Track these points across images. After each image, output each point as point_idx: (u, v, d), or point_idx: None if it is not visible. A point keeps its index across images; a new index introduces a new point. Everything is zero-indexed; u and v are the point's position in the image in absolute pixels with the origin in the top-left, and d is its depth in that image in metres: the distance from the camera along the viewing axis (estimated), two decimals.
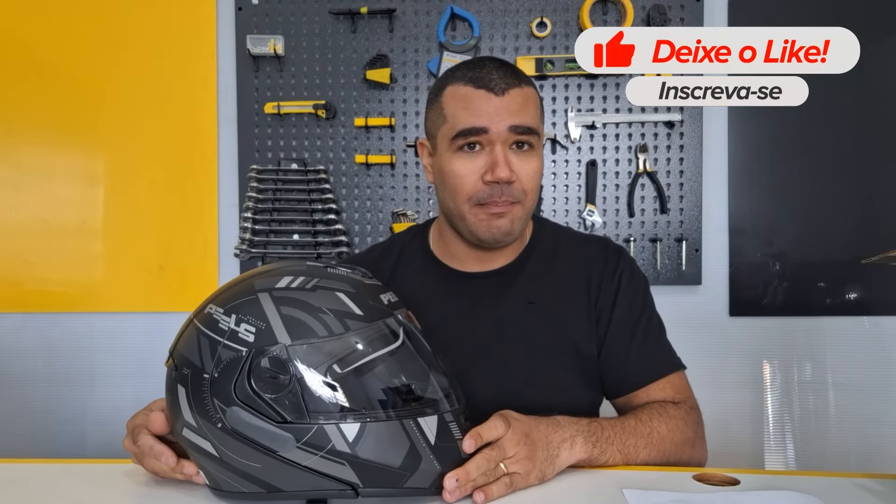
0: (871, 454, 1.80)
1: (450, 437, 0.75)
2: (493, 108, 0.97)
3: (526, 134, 0.98)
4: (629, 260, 1.12)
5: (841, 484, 0.84)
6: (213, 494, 0.78)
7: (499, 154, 0.97)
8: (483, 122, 0.96)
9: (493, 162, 0.97)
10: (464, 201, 1.00)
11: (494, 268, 1.09)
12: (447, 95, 1.01)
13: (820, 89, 1.87)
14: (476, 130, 0.97)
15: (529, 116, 0.99)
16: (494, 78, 0.98)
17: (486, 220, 0.99)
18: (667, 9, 1.77)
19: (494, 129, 0.96)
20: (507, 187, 0.97)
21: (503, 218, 0.99)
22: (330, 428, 0.70)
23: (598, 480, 0.84)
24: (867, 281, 1.79)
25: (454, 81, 1.01)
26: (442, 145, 1.02)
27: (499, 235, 1.00)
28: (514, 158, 0.98)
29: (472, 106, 0.98)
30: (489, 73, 0.98)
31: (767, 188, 1.82)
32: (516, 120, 0.97)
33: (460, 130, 0.98)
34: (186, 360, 0.74)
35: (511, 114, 0.97)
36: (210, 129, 1.88)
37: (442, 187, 1.04)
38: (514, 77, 0.99)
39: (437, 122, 1.03)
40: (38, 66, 1.90)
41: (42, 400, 1.92)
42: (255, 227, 1.84)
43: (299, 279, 0.75)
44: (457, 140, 0.98)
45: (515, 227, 1.01)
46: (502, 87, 0.97)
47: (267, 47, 1.81)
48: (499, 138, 0.97)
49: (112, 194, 1.91)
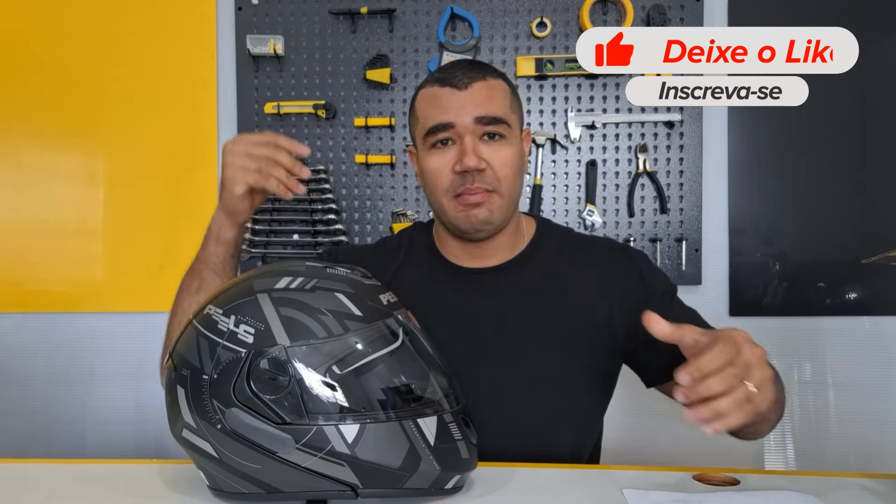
0: (871, 454, 1.80)
1: (449, 437, 0.75)
2: (457, 102, 1.00)
3: (493, 124, 1.00)
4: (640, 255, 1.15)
5: (841, 484, 0.84)
6: (213, 495, 0.78)
7: (467, 144, 0.99)
8: (449, 117, 0.99)
9: (461, 152, 0.99)
10: (441, 194, 1.02)
11: (493, 264, 1.09)
12: (419, 99, 1.06)
13: (820, 89, 1.87)
14: (443, 126, 1.00)
15: (496, 106, 1.01)
16: (458, 74, 1.01)
17: (463, 210, 1.01)
18: (667, 9, 1.77)
19: (460, 122, 0.99)
20: (479, 175, 0.99)
21: (480, 207, 1.00)
22: (329, 429, 0.70)
23: (598, 480, 0.85)
24: (867, 281, 1.79)
25: (426, 85, 1.06)
26: (420, 146, 1.06)
27: (478, 224, 1.01)
28: (484, 148, 1.00)
29: (438, 103, 1.01)
30: (454, 71, 1.02)
31: (767, 188, 1.82)
32: (481, 111, 0.99)
33: (429, 128, 1.01)
34: (186, 361, 0.74)
35: (476, 105, 0.99)
36: (210, 129, 1.88)
37: (425, 186, 1.07)
38: (478, 71, 1.03)
39: (414, 125, 1.08)
40: (38, 66, 1.90)
41: (42, 400, 1.92)
42: (255, 227, 1.84)
43: (298, 280, 0.75)
44: (428, 138, 1.02)
45: (495, 215, 1.02)
46: (465, 81, 1.00)
47: (267, 47, 1.81)
48: (466, 130, 0.99)
49: (112, 194, 1.91)
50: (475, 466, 0.79)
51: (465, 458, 0.76)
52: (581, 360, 1.05)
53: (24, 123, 1.91)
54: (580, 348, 1.05)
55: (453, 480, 0.76)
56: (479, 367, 1.02)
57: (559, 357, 1.04)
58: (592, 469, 0.90)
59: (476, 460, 0.79)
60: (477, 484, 0.81)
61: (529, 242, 1.12)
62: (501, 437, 0.97)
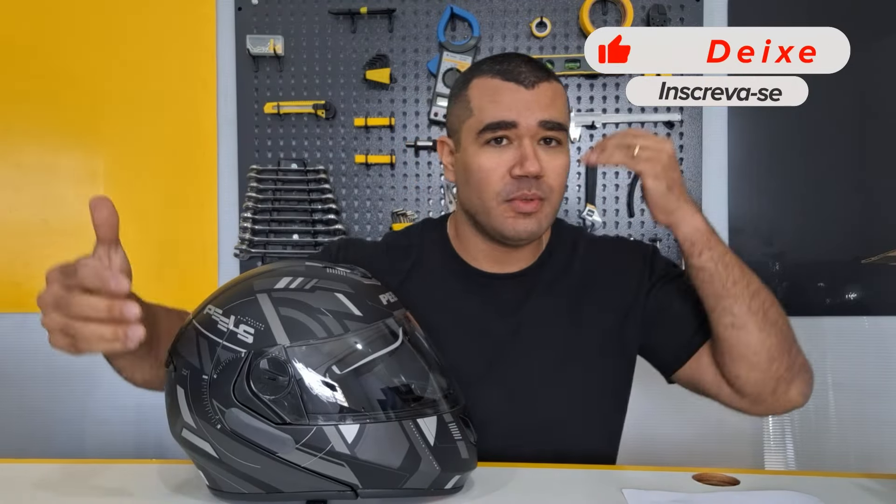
0: (871, 454, 1.80)
1: (449, 437, 0.75)
2: (522, 101, 0.94)
3: (555, 130, 0.95)
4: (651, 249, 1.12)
5: (841, 484, 0.84)
6: (213, 495, 0.78)
7: (528, 148, 0.93)
8: (512, 116, 0.93)
9: (522, 156, 0.93)
10: (491, 197, 0.96)
11: (514, 270, 1.06)
12: (474, 88, 0.98)
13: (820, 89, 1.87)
14: (505, 124, 0.94)
15: (559, 112, 0.96)
16: (524, 71, 0.95)
17: (512, 217, 0.96)
18: (666, 9, 1.77)
19: (524, 122, 0.93)
20: (536, 182, 0.94)
21: (530, 218, 0.96)
22: (329, 429, 0.70)
23: (598, 480, 0.85)
24: (867, 281, 1.79)
25: (481, 74, 0.98)
26: (467, 139, 0.98)
27: (524, 234, 0.97)
28: (543, 154, 0.95)
29: (500, 98, 0.94)
30: (518, 66, 0.96)
31: (767, 188, 1.82)
32: (546, 115, 0.94)
33: (488, 124, 0.94)
34: (185, 361, 0.74)
35: (541, 108, 0.94)
36: (210, 129, 1.88)
37: (465, 184, 1.00)
38: (543, 71, 0.97)
39: (462, 115, 0.99)
40: (38, 66, 1.89)
41: (41, 400, 1.92)
42: (255, 228, 1.84)
43: (298, 280, 0.75)
44: (484, 133, 0.95)
45: (542, 226, 0.98)
46: (532, 79, 0.94)
47: (267, 47, 1.81)
48: (528, 132, 0.94)
49: (112, 194, 1.87)
50: (475, 466, 0.79)
51: (465, 459, 0.76)
52: (595, 364, 1.03)
53: (24, 123, 1.91)
54: (594, 352, 1.03)
55: (453, 480, 0.76)
56: (493, 372, 1.00)
57: (573, 363, 1.02)
58: (592, 469, 0.90)
59: (476, 460, 0.79)
60: (477, 484, 0.81)
61: (546, 246, 1.09)
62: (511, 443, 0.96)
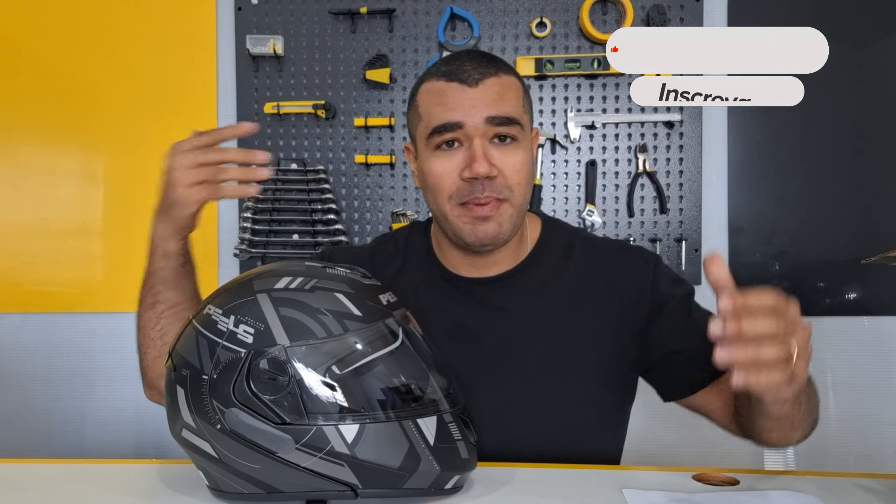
0: (871, 454, 1.80)
1: (449, 437, 0.75)
2: (467, 100, 0.90)
3: (506, 125, 0.91)
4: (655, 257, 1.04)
5: (841, 484, 0.84)
6: (213, 495, 0.78)
7: (477, 148, 0.90)
8: (457, 117, 0.90)
9: (470, 157, 0.90)
10: (445, 201, 0.93)
11: (494, 274, 1.02)
12: (422, 93, 0.96)
13: (820, 89, 1.87)
14: (450, 126, 0.91)
15: (509, 106, 0.92)
16: (468, 69, 0.92)
17: (470, 223, 0.92)
18: (666, 9, 1.77)
19: (470, 122, 0.90)
20: (490, 182, 0.90)
21: (489, 222, 0.92)
22: (329, 429, 0.70)
23: (598, 480, 0.84)
24: (867, 281, 1.79)
25: (429, 78, 0.96)
26: (421, 145, 0.96)
27: (486, 240, 0.93)
28: (496, 152, 0.91)
29: (445, 100, 0.91)
30: (462, 64, 0.92)
31: (767, 188, 1.82)
32: (493, 111, 0.90)
33: (435, 127, 0.92)
34: (185, 361, 0.74)
35: (487, 104, 0.90)
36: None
37: (425, 189, 0.98)
38: (489, 66, 0.93)
39: (415, 121, 0.98)
40: (37, 65, 1.90)
41: (42, 400, 1.92)
42: (255, 227, 1.84)
43: (298, 280, 0.75)
44: (433, 138, 0.92)
45: (504, 228, 0.93)
46: (476, 77, 0.91)
47: (266, 47, 1.81)
48: (476, 132, 0.90)
49: (112, 194, 1.91)
50: (475, 466, 0.79)
51: (465, 459, 0.76)
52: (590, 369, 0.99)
53: (23, 123, 1.91)
54: (589, 358, 0.99)
55: (453, 480, 0.76)
56: (481, 381, 0.97)
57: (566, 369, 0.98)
58: (592, 469, 0.89)
59: (476, 460, 0.78)
60: (476, 484, 0.81)
61: (534, 247, 1.04)
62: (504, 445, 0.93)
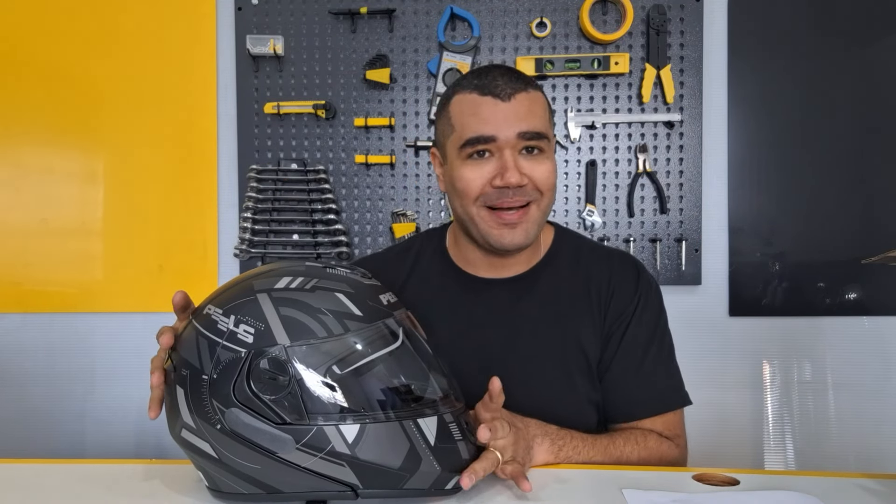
0: (871, 454, 1.80)
1: (449, 437, 0.75)
2: (500, 114, 0.96)
3: (535, 139, 0.97)
4: (649, 281, 1.08)
5: (841, 484, 0.84)
6: (212, 496, 0.77)
7: (508, 159, 0.95)
8: (490, 130, 0.95)
9: (502, 167, 0.96)
10: (471, 204, 0.98)
11: (510, 275, 1.07)
12: (454, 104, 1.00)
13: (820, 89, 1.87)
14: (484, 139, 0.96)
15: (537, 120, 0.97)
16: (500, 83, 0.97)
17: (497, 228, 0.98)
18: (666, 9, 1.77)
19: (503, 136, 0.95)
20: (519, 190, 0.96)
21: (517, 228, 0.97)
22: (329, 429, 0.70)
23: (598, 480, 0.85)
24: (867, 281, 1.79)
25: (461, 90, 1.00)
26: (451, 154, 1.01)
27: (511, 246, 0.99)
28: (525, 162, 0.97)
29: (478, 113, 0.96)
30: (494, 79, 0.97)
31: (767, 188, 1.82)
32: (524, 126, 0.96)
33: (468, 139, 0.97)
34: (185, 361, 0.74)
35: (519, 119, 0.96)
36: (210, 129, 1.88)
37: (452, 194, 1.03)
38: (519, 81, 0.98)
39: (446, 131, 1.02)
40: (37, 65, 1.90)
41: (42, 400, 1.92)
42: (255, 227, 1.84)
43: (298, 280, 0.75)
44: (465, 149, 0.97)
45: (531, 233, 0.99)
46: (508, 91, 0.96)
47: (267, 47, 1.81)
48: (507, 145, 0.96)
49: (112, 194, 1.91)
50: None
51: (466, 459, 0.76)
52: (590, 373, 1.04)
53: (23, 123, 1.91)
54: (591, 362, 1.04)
55: (453, 481, 0.76)
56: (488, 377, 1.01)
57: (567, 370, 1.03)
58: (592, 469, 0.90)
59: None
60: (477, 484, 0.81)
61: (546, 253, 1.09)
62: None
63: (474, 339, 1.04)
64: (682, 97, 1.79)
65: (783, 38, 1.80)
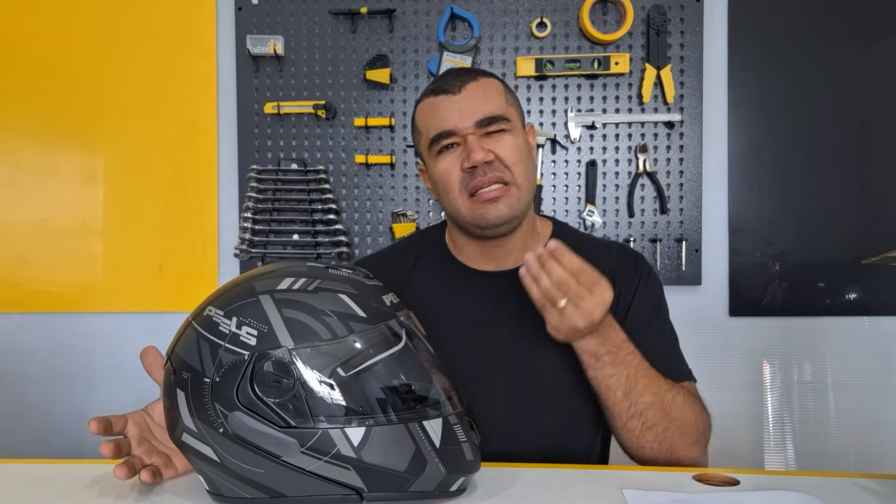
0: (871, 454, 1.80)
1: (455, 439, 0.74)
2: (453, 107, 1.01)
3: (494, 123, 1.01)
4: (648, 268, 1.12)
5: (841, 484, 0.84)
6: (213, 500, 0.77)
7: (471, 141, 1.00)
8: (449, 124, 1.01)
9: (466, 150, 1.00)
10: (456, 196, 1.02)
11: (510, 267, 1.08)
12: (418, 112, 1.08)
13: (820, 89, 1.88)
14: (445, 133, 1.01)
15: (492, 105, 1.01)
16: (450, 80, 1.03)
17: (482, 207, 1.01)
18: (667, 9, 1.77)
19: (460, 126, 1.00)
20: (489, 166, 1.00)
21: (499, 202, 1.00)
22: (335, 432, 0.69)
23: (598, 480, 0.85)
24: (867, 281, 1.79)
25: (421, 99, 1.07)
26: (427, 156, 1.07)
27: (496, 220, 1.01)
28: (488, 141, 1.01)
29: (436, 112, 1.02)
30: (446, 78, 1.04)
31: (767, 188, 1.82)
32: (479, 114, 1.00)
33: (433, 137, 1.02)
34: (185, 363, 0.73)
35: (474, 108, 1.00)
36: (210, 129, 1.88)
37: (439, 193, 1.07)
38: (469, 74, 1.04)
39: (418, 138, 1.09)
40: (37, 65, 1.89)
41: (42, 400, 1.92)
42: (255, 228, 1.84)
43: (301, 280, 0.75)
44: (434, 146, 1.03)
45: (514, 208, 1.01)
46: (458, 85, 1.01)
47: (267, 47, 1.81)
48: (467, 132, 1.00)
49: (112, 194, 1.91)
50: (479, 468, 0.79)
51: (470, 461, 0.76)
52: None
53: (23, 123, 1.90)
54: None
55: (458, 483, 0.75)
56: (492, 371, 1.02)
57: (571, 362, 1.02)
58: (592, 469, 0.90)
59: (479, 462, 0.78)
60: (480, 485, 0.81)
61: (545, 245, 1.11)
62: (513, 440, 0.98)
63: (477, 332, 1.05)
64: (682, 97, 1.80)
65: (783, 38, 1.81)
